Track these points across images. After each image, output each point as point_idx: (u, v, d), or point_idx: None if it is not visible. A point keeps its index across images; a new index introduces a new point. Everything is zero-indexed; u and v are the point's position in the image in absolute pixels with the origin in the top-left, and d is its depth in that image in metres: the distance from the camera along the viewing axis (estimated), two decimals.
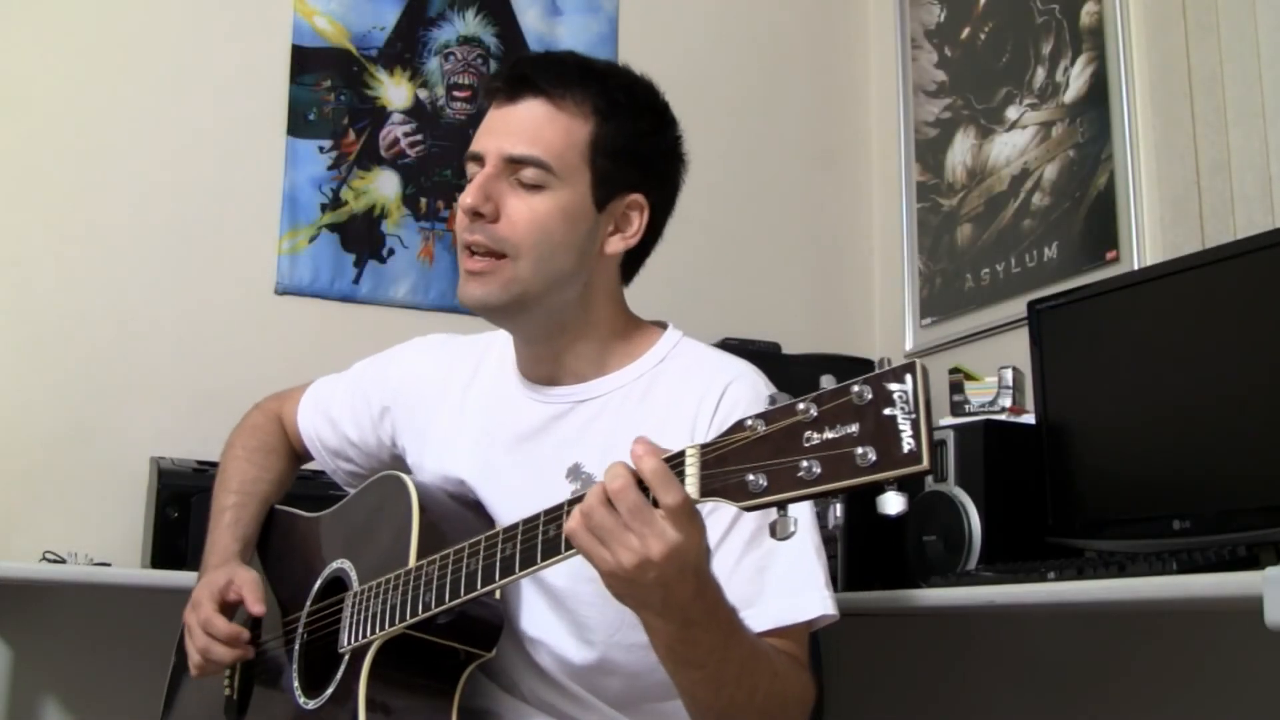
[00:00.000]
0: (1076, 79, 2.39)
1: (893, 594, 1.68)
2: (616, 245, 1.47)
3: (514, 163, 1.41)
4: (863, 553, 1.88)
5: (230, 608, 1.52)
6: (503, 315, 1.46)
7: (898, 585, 1.74)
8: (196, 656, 1.49)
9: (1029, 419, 1.90)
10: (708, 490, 1.04)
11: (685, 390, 1.44)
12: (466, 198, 1.41)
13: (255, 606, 1.49)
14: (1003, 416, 1.95)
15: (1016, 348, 2.19)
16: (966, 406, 2.06)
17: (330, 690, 1.39)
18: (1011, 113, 2.56)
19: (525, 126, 1.42)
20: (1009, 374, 2.00)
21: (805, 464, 0.96)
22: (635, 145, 1.45)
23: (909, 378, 0.91)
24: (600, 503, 1.08)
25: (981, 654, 2.22)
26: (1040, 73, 2.49)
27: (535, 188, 1.41)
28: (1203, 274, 1.66)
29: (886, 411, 0.92)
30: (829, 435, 0.95)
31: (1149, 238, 2.18)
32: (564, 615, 1.41)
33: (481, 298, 1.42)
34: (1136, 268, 2.14)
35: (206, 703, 1.62)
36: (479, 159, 1.44)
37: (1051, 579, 1.48)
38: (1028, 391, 1.95)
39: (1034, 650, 2.11)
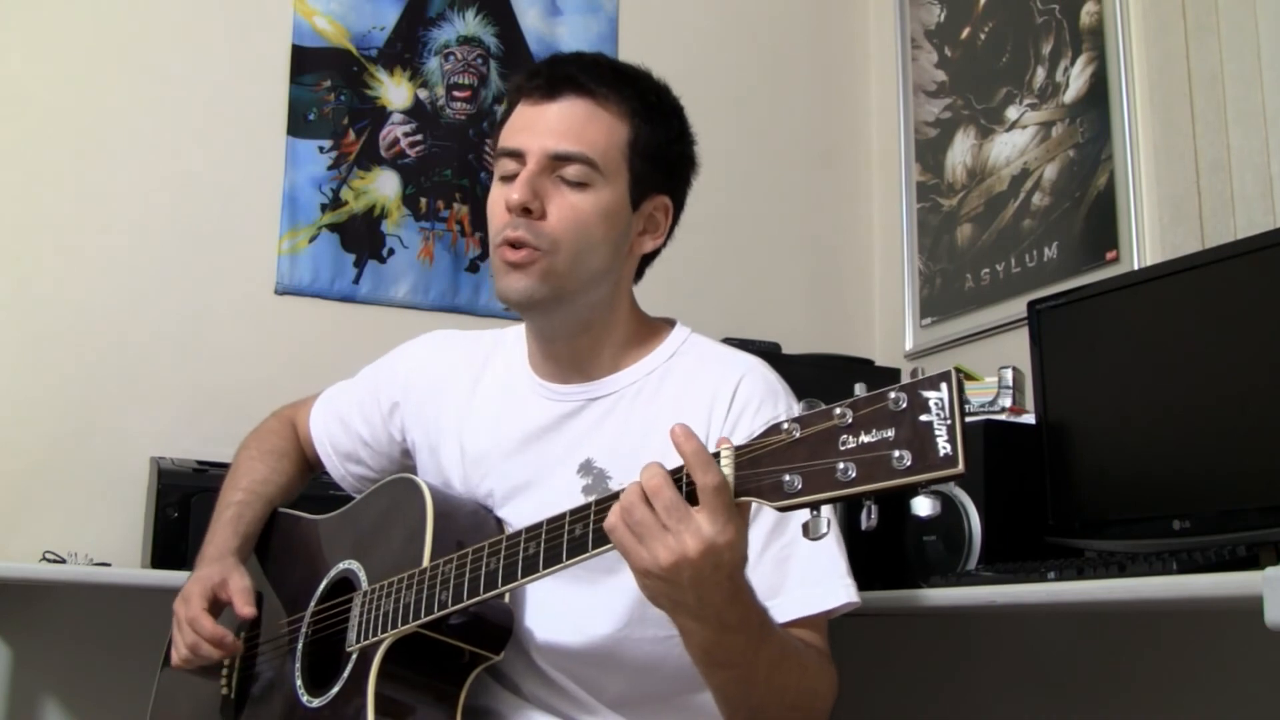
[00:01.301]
0: (1076, 79, 2.39)
1: (893, 594, 1.68)
2: (647, 245, 1.50)
3: (559, 160, 1.41)
4: (863, 553, 1.87)
5: (220, 606, 1.52)
6: (541, 310, 1.45)
7: (898, 585, 1.73)
8: (184, 651, 1.50)
9: (1029, 419, 1.90)
10: (742, 490, 1.06)
11: (697, 385, 1.45)
12: (514, 194, 1.40)
13: (244, 609, 1.50)
14: (1003, 416, 1.95)
15: (1016, 348, 2.19)
16: (966, 407, 2.05)
17: (336, 688, 1.40)
18: (1011, 113, 2.56)
19: (569, 124, 1.42)
20: (1009, 374, 2.00)
21: (841, 466, 0.98)
22: (666, 148, 1.48)
23: (944, 386, 0.95)
24: (639, 499, 1.09)
25: (981, 654, 2.22)
26: (1040, 73, 2.49)
27: (579, 185, 1.41)
28: (1203, 274, 1.66)
29: (923, 418, 0.94)
30: (864, 439, 0.98)
31: (1149, 238, 2.18)
32: (571, 611, 1.41)
33: (525, 290, 1.41)
34: (1136, 268, 2.14)
35: (202, 701, 1.62)
36: (518, 155, 1.43)
37: (1051, 579, 1.48)
38: (1028, 391, 1.95)
39: (1034, 650, 2.11)
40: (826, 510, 1.05)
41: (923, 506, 0.98)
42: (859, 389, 1.02)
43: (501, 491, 1.50)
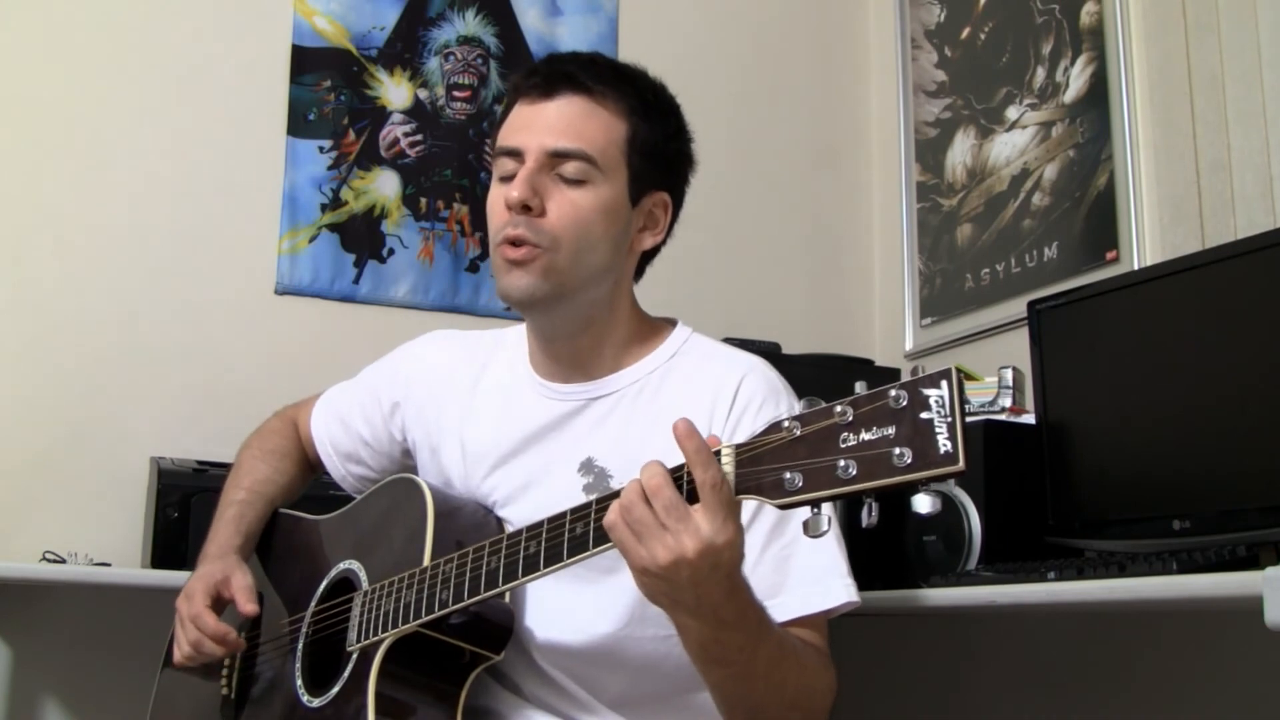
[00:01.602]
0: (1076, 79, 2.39)
1: (893, 594, 1.68)
2: (646, 242, 1.51)
3: (557, 157, 1.41)
4: (863, 553, 1.88)
5: (223, 603, 1.52)
6: (542, 308, 1.45)
7: (898, 585, 1.73)
8: (187, 648, 1.50)
9: (1029, 419, 1.90)
10: (742, 489, 1.06)
11: (699, 385, 1.45)
12: (513, 192, 1.40)
13: (247, 606, 1.50)
14: (1003, 416, 1.95)
15: (1016, 348, 2.19)
16: (967, 406, 2.05)
17: (337, 688, 1.40)
18: (1011, 113, 2.56)
19: (568, 122, 1.42)
20: (1009, 374, 2.00)
21: (842, 463, 0.99)
22: (664, 146, 1.48)
23: (945, 383, 0.95)
24: (639, 498, 1.09)
25: (981, 654, 2.22)
26: (1040, 73, 2.49)
27: (578, 182, 1.41)
28: (1203, 274, 1.66)
29: (923, 415, 0.95)
30: (865, 437, 0.98)
31: (1149, 238, 2.18)
32: (572, 611, 1.41)
33: (526, 287, 1.41)
34: (1136, 268, 2.14)
35: (202, 701, 1.62)
36: (517, 154, 1.43)
37: (1051, 579, 1.48)
38: (1028, 391, 1.95)
39: (1034, 650, 2.11)
40: (827, 508, 1.05)
41: (923, 504, 0.99)
42: (859, 388, 1.02)
43: (502, 491, 1.50)
